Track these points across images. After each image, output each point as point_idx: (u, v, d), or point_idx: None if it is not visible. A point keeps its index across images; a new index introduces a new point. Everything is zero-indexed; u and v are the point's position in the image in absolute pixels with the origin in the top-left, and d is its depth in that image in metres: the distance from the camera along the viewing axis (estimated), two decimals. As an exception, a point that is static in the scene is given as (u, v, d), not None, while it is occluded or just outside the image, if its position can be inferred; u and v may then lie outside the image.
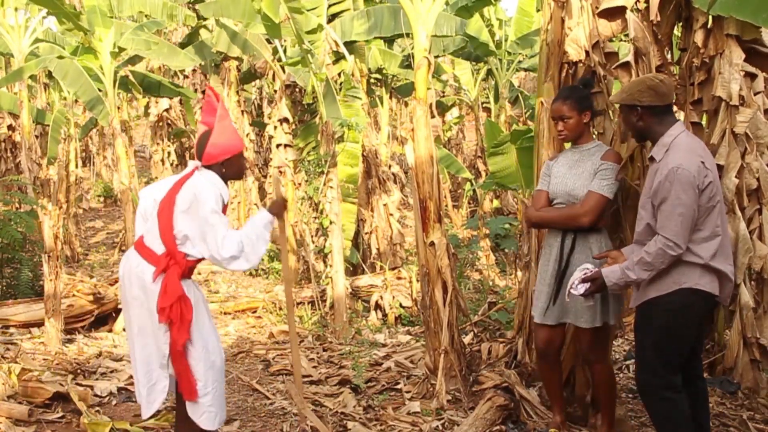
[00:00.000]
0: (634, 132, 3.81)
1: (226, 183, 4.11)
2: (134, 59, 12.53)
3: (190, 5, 13.38)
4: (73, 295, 8.19)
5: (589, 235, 4.13)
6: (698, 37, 4.68)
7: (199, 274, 12.33)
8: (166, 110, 15.54)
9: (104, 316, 8.31)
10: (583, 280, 3.82)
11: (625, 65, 4.34)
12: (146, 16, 12.10)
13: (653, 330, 3.66)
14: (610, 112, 4.52)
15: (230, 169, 4.10)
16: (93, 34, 11.04)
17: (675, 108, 4.68)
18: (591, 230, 4.13)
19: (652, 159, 3.73)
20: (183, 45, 13.46)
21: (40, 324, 7.75)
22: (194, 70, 16.34)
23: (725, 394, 5.02)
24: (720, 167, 4.56)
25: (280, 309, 9.16)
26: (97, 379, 5.95)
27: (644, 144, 4.27)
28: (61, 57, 11.73)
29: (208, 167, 4.08)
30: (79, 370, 6.20)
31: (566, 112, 4.19)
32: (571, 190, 4.16)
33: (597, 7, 4.48)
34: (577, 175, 4.18)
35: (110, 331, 8.15)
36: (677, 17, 4.79)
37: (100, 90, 11.67)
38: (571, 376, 4.72)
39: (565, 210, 4.17)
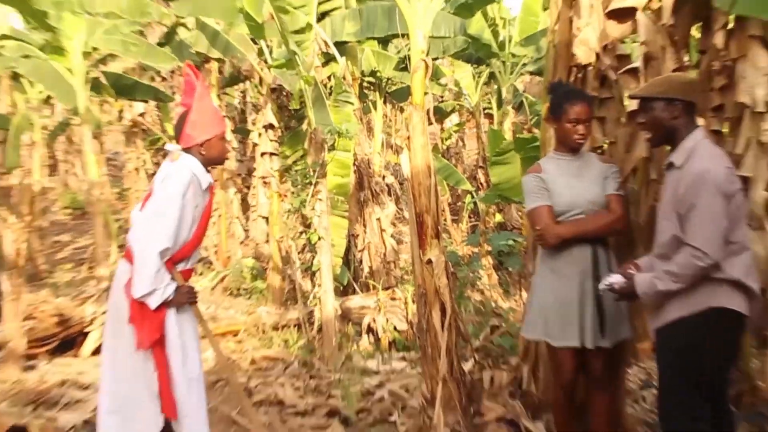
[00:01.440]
0: (663, 132, 3.74)
1: (207, 168, 4.13)
2: (106, 59, 12.51)
3: (166, 2, 13.37)
4: (36, 317, 8.13)
5: (609, 246, 4.25)
6: (719, 39, 4.68)
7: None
8: (141, 115, 15.53)
9: (70, 340, 8.26)
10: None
11: (633, 71, 4.35)
12: (116, 15, 12.08)
13: (677, 354, 3.62)
14: (622, 119, 4.52)
15: (210, 151, 4.12)
16: (62, 32, 11.03)
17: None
18: (607, 240, 4.22)
19: (671, 165, 3.70)
20: (160, 45, 13.46)
21: (-1, 347, 7.70)
22: (173, 72, 16.34)
23: (754, 430, 4.99)
24: (745, 179, 4.55)
25: (263, 332, 9.13)
26: (60, 411, 5.89)
27: (650, 155, 4.27)
28: (27, 56, 11.71)
29: (187, 151, 4.10)
30: (40, 400, 6.14)
31: (588, 115, 4.24)
32: (594, 198, 4.20)
33: (608, 7, 4.50)
34: (591, 181, 4.23)
35: (76, 356, 8.10)
36: (695, 17, 4.80)
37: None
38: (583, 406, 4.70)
39: (596, 218, 4.20)
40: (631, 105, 4.36)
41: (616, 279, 3.82)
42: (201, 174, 4.06)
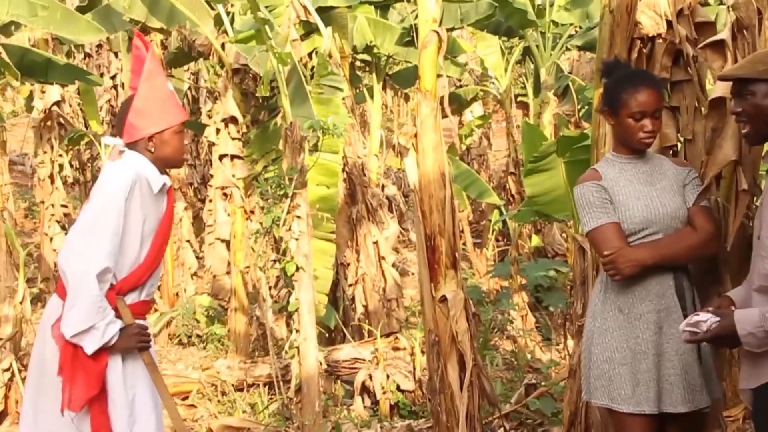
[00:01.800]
0: (766, 124, 3.72)
1: (163, 169, 4.15)
2: (8, 28, 12.49)
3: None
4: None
5: (691, 276, 4.27)
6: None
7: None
8: (57, 104, 15.55)
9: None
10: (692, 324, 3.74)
11: (718, 44, 4.35)
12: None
13: None
14: (702, 109, 4.54)
15: (162, 149, 4.12)
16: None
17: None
18: (689, 269, 4.24)
19: None
20: (82, 9, 13.46)
21: None
22: (100, 46, 16.39)
23: None
24: None
25: (223, 394, 9.14)
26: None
27: (739, 157, 4.28)
28: None
29: (132, 146, 4.10)
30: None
31: (660, 104, 4.23)
32: (674, 212, 4.20)
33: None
34: (667, 191, 4.24)
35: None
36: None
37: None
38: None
39: (682, 238, 4.20)
40: (717, 90, 4.36)
41: (705, 318, 3.66)
42: (150, 175, 4.07)
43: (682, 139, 4.63)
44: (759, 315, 3.50)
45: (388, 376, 8.95)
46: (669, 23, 4.52)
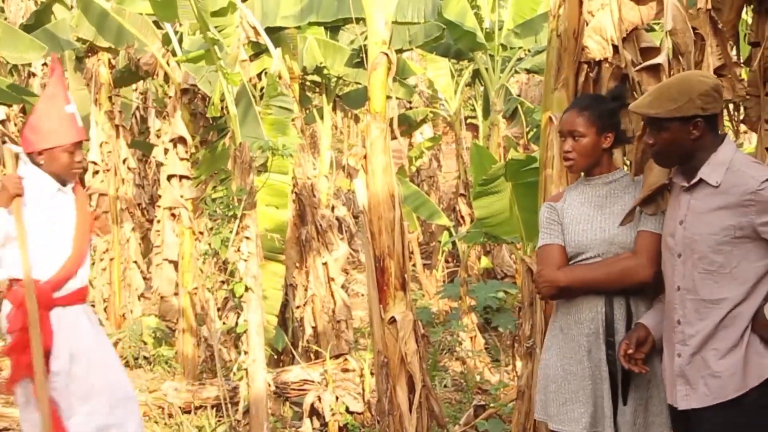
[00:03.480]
0: (680, 154, 3.86)
1: (60, 180, 4.49)
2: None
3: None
4: None
5: (640, 300, 4.23)
6: (777, 27, 4.76)
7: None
8: (2, 123, 15.45)
9: None
10: None
11: (655, 68, 4.41)
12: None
13: None
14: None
15: (51, 165, 4.48)
16: None
17: (744, 127, 4.78)
18: (641, 292, 4.22)
19: (695, 186, 3.82)
20: (28, 28, 13.38)
21: None
22: (45, 65, 16.26)
23: None
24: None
25: (170, 416, 9.08)
26: None
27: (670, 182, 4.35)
28: None
29: (30, 156, 4.48)
30: None
31: (580, 126, 4.28)
32: (612, 237, 4.22)
33: (628, -15, 4.57)
34: (615, 215, 4.25)
35: None
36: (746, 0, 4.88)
37: None
38: None
39: (610, 263, 4.21)
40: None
41: None
42: (41, 182, 4.46)
43: (627, 160, 4.68)
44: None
45: (337, 398, 8.93)
46: (615, 48, 4.56)
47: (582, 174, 4.43)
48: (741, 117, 5.11)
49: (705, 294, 3.75)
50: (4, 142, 15.25)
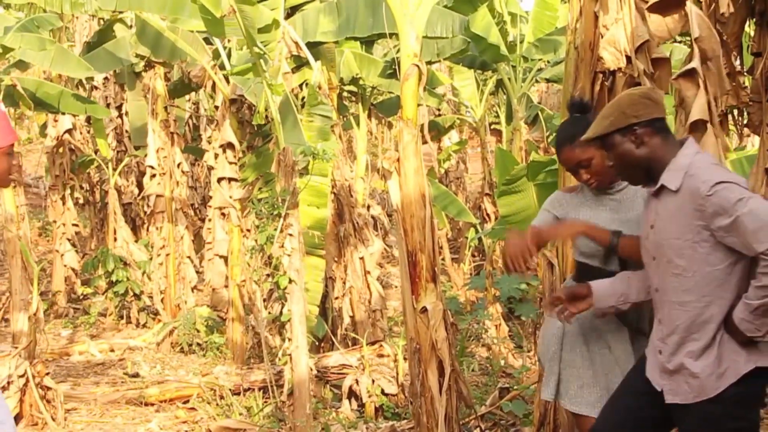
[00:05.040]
0: (636, 168, 3.75)
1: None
2: (25, 64, 12.52)
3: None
4: None
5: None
6: (779, 39, 4.73)
7: (112, 351, 12.26)
8: (69, 131, 15.52)
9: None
10: None
11: (690, 73, 4.36)
12: (37, 7, 12.06)
13: None
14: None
15: None
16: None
17: (747, 131, 4.73)
18: None
19: (660, 191, 3.71)
20: (91, 46, 13.48)
21: None
22: (107, 79, 16.38)
23: None
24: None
25: (221, 398, 9.10)
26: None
27: None
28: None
29: None
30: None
31: (582, 156, 4.15)
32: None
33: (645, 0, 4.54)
34: (630, 222, 4.16)
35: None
36: (749, 13, 4.85)
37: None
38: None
39: None
40: (694, 114, 4.36)
41: None
42: None
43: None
44: (743, 303, 3.50)
45: (373, 381, 8.92)
46: (628, 58, 4.54)
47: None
48: (745, 121, 5.08)
49: (674, 296, 3.67)
50: (72, 150, 15.38)
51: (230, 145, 11.36)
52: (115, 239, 15.02)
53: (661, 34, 4.55)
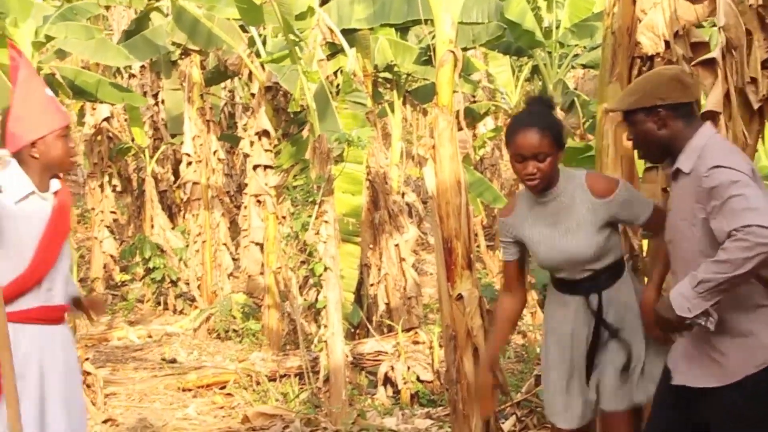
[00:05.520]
0: (655, 147, 3.71)
1: (51, 174, 3.96)
2: (63, 52, 12.61)
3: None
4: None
5: (615, 285, 4.08)
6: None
7: (150, 337, 12.35)
8: (107, 119, 15.61)
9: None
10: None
11: (710, 62, 4.33)
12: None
13: (753, 427, 3.56)
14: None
15: (48, 153, 3.90)
16: (7, 18, 11.09)
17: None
18: (614, 275, 4.09)
19: (677, 173, 3.66)
20: (129, 34, 13.55)
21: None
22: (143, 67, 16.46)
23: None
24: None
25: (258, 384, 9.14)
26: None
27: None
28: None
29: (18, 156, 3.89)
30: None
31: (545, 147, 3.93)
32: (572, 256, 4.02)
33: (679, -16, 4.51)
34: (570, 232, 4.01)
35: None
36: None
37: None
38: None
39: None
40: (709, 105, 4.33)
41: None
42: (13, 182, 3.85)
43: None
44: (688, 276, 3.40)
45: (408, 368, 8.93)
46: (667, 43, 4.50)
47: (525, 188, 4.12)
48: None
49: (681, 277, 3.58)
50: (110, 138, 15.50)
51: (266, 133, 11.38)
52: (152, 226, 15.12)
53: (690, 18, 4.50)
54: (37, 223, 3.90)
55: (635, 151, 3.93)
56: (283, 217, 10.84)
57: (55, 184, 4.02)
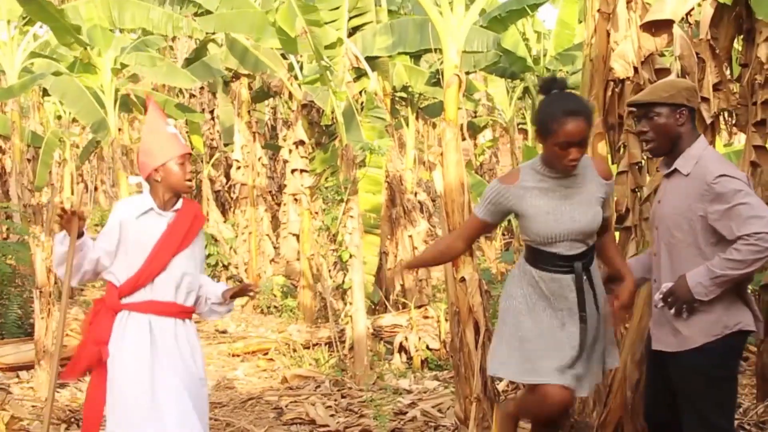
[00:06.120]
0: (668, 140, 3.66)
1: (172, 194, 4.08)
2: (136, 77, 12.69)
3: (195, 17, 13.54)
4: (66, 335, 8.22)
5: (593, 264, 3.84)
6: (762, 52, 4.68)
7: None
8: (171, 132, 15.68)
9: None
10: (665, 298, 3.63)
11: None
12: (146, 31, 12.21)
13: (713, 385, 3.58)
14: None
15: (168, 178, 4.03)
16: (93, 49, 11.18)
17: (735, 130, 4.69)
18: (593, 255, 3.81)
19: (673, 173, 3.67)
20: (190, 61, 13.62)
21: (29, 367, 7.77)
22: (202, 88, 16.52)
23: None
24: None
25: (294, 351, 9.16)
26: (92, 428, 5.93)
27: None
28: (57, 73, 11.90)
29: (148, 181, 4.09)
30: (72, 419, 6.20)
31: (588, 133, 3.63)
32: (582, 227, 3.69)
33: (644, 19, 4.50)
34: (582, 205, 3.71)
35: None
36: (737, 30, 4.79)
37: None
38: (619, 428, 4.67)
39: (437, 242, 4.14)
40: None
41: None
42: (139, 201, 4.08)
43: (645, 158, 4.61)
44: (705, 268, 3.49)
45: (419, 338, 8.92)
46: (635, 69, 4.50)
47: (540, 163, 3.71)
48: (733, 122, 5.06)
49: (665, 262, 3.65)
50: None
51: (302, 142, 11.41)
52: (208, 220, 15.19)
53: (651, 48, 4.50)
54: (154, 235, 4.01)
55: (643, 143, 3.92)
56: (316, 213, 10.86)
57: (179, 204, 4.13)
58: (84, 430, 4.06)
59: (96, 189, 25.00)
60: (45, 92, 14.66)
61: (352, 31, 10.78)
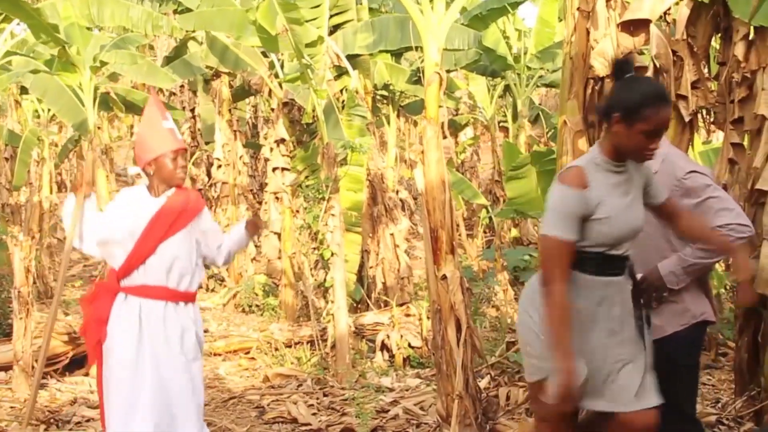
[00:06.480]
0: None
1: (164, 186, 4.24)
2: (115, 75, 12.64)
3: (175, 15, 13.49)
4: (36, 337, 8.16)
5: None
6: (738, 50, 4.71)
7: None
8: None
9: (80, 359, 8.29)
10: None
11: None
12: (126, 29, 12.16)
13: (682, 371, 3.69)
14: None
15: (160, 171, 4.21)
16: (71, 47, 11.12)
17: (713, 128, 4.73)
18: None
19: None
20: (170, 59, 13.57)
21: (7, 368, 7.71)
22: (182, 87, 16.47)
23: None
24: (764, 193, 4.54)
25: (276, 349, 9.15)
26: (71, 430, 5.91)
27: None
28: (36, 71, 11.83)
29: (145, 172, 4.29)
30: (51, 420, 6.16)
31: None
32: (641, 225, 3.40)
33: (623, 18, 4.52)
34: (637, 200, 3.39)
35: (86, 374, 8.13)
36: (715, 28, 4.81)
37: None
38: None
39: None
40: None
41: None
42: (138, 189, 4.30)
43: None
44: (677, 257, 3.62)
45: (401, 336, 8.93)
46: (615, 66, 4.51)
47: (604, 156, 3.30)
48: (712, 120, 5.10)
49: (636, 255, 3.60)
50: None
51: (283, 141, 11.39)
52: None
53: (629, 46, 4.52)
54: (143, 220, 4.16)
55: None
56: (297, 211, 10.83)
57: (170, 191, 4.27)
58: (102, 421, 4.27)
59: (76, 188, 24.82)
60: (23, 90, 14.55)
61: (333, 29, 10.76)
